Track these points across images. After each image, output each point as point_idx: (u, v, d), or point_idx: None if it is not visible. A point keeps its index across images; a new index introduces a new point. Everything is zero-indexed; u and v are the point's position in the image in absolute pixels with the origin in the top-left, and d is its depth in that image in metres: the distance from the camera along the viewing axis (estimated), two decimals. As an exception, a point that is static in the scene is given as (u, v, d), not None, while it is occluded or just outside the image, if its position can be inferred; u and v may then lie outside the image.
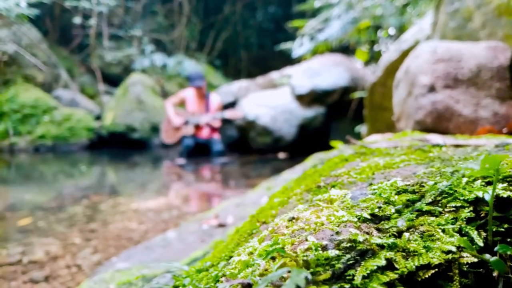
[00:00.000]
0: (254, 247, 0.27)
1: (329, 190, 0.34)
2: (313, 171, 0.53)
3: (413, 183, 0.30)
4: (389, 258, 0.23)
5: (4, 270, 1.54)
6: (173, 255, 1.10)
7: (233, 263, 0.27)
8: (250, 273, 0.24)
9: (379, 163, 0.39)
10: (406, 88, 1.46)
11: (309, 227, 0.27)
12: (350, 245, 0.24)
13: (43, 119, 5.98)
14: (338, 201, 0.30)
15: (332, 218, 0.27)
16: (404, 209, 0.27)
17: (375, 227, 0.26)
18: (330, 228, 0.26)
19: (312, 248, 0.24)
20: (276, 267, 0.23)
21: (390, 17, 5.27)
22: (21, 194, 2.87)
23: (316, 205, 0.31)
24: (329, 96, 5.12)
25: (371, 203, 0.28)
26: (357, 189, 0.32)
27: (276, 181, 1.78)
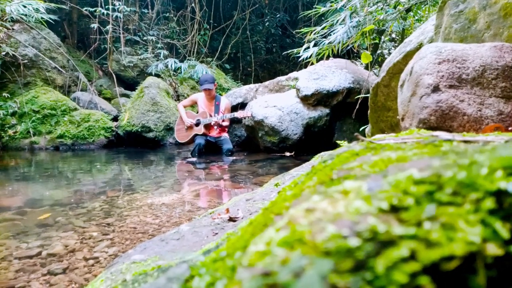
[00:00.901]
0: (271, 237, 0.26)
1: (342, 182, 0.32)
2: (323, 166, 0.52)
3: (430, 174, 0.28)
4: (411, 248, 0.22)
5: (24, 262, 1.54)
6: (186, 247, 1.09)
7: (250, 252, 0.26)
8: (269, 262, 0.22)
9: (391, 157, 0.37)
10: (411, 88, 1.44)
11: (326, 217, 0.25)
12: (371, 235, 0.23)
13: (62, 120, 6.04)
14: (354, 193, 0.28)
15: (350, 208, 0.26)
16: (422, 200, 0.26)
17: (394, 217, 0.25)
18: (348, 218, 0.24)
19: (332, 238, 0.23)
20: (296, 256, 0.22)
21: (393, 22, 5.21)
22: (41, 190, 2.89)
23: (331, 196, 0.29)
24: (333, 97, 5.10)
25: (388, 194, 0.27)
26: (372, 181, 0.30)
27: (284, 178, 1.76)
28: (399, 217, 0.24)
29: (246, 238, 0.32)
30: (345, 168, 0.37)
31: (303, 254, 0.21)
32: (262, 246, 0.25)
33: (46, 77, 6.69)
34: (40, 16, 5.39)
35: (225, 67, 9.83)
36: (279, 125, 4.91)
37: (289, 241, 0.23)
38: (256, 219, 0.42)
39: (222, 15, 10.14)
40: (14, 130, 5.80)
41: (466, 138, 0.62)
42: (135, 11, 8.83)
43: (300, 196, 0.35)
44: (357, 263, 0.21)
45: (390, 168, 0.33)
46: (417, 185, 0.27)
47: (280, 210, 0.34)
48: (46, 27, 6.71)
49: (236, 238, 0.41)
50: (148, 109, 6.33)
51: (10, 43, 6.29)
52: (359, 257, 0.21)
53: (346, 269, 0.20)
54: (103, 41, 8.43)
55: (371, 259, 0.21)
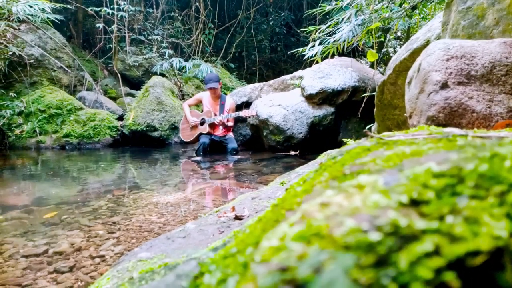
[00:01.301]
0: (285, 232, 0.25)
1: (356, 177, 0.31)
2: (333, 162, 0.51)
3: (450, 167, 0.27)
4: (435, 243, 0.21)
5: (31, 260, 1.55)
6: (193, 245, 1.08)
7: (263, 248, 0.25)
8: (285, 257, 0.21)
9: (406, 151, 0.36)
10: (418, 85, 1.42)
11: (343, 211, 0.24)
12: (392, 229, 0.22)
13: (68, 119, 6.07)
14: (369, 187, 0.27)
15: (368, 202, 0.25)
16: (443, 193, 0.25)
17: (415, 211, 0.23)
18: (367, 212, 0.23)
19: (351, 232, 0.22)
20: (314, 250, 0.21)
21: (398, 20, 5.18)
22: (47, 189, 2.90)
23: (346, 191, 0.28)
24: (338, 96, 5.07)
25: (407, 188, 0.26)
26: (388, 175, 0.29)
27: (290, 176, 1.75)
28: (420, 211, 0.23)
29: (257, 234, 0.31)
30: (358, 163, 0.36)
31: (321, 249, 0.20)
32: (276, 241, 0.24)
33: (52, 76, 6.72)
34: (46, 16, 5.42)
35: (230, 66, 9.83)
36: (284, 124, 4.90)
37: (305, 236, 0.22)
38: (266, 216, 0.41)
39: (226, 14, 10.13)
40: (20, 130, 5.84)
41: (479, 134, 0.61)
42: (140, 10, 8.86)
43: (312, 192, 0.34)
44: (379, 258, 0.20)
45: (405, 162, 0.32)
46: (437, 178, 0.26)
47: (291, 205, 0.33)
48: (52, 27, 6.74)
49: (245, 235, 0.40)
50: (153, 108, 6.34)
51: (16, 43, 6.33)
52: (381, 252, 0.20)
53: (368, 265, 0.19)
54: (109, 41, 8.46)
55: (393, 254, 0.20)
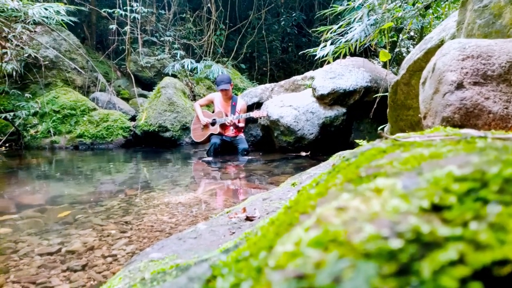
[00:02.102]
0: (300, 236, 0.24)
1: (373, 180, 0.31)
2: (346, 164, 0.50)
3: (472, 171, 0.26)
4: (459, 251, 0.20)
5: (45, 259, 1.57)
6: (204, 245, 1.08)
7: (277, 253, 0.24)
8: (301, 264, 0.21)
9: (424, 153, 0.35)
10: (433, 86, 1.39)
11: (362, 216, 0.23)
12: (414, 236, 0.21)
13: (82, 119, 6.16)
14: (387, 191, 0.26)
15: (388, 207, 0.24)
16: (466, 198, 0.23)
17: (437, 217, 0.22)
18: (387, 217, 0.22)
19: (371, 239, 0.21)
20: (333, 258, 0.20)
21: (411, 19, 5.11)
22: (61, 189, 2.94)
23: (363, 194, 0.27)
24: (350, 96, 5.03)
25: (427, 192, 0.25)
26: (407, 178, 0.28)
27: (301, 178, 1.74)
28: (442, 216, 0.22)
29: (271, 238, 0.30)
30: (374, 165, 0.35)
31: (340, 257, 0.20)
32: (291, 246, 0.23)
33: (66, 77, 6.83)
34: (61, 18, 5.51)
35: (241, 67, 9.84)
36: (295, 124, 4.88)
37: (321, 242, 0.22)
38: (279, 218, 0.41)
39: (237, 15, 10.16)
40: (35, 130, 5.95)
41: (498, 135, 0.59)
42: (152, 12, 8.94)
43: (327, 195, 0.33)
44: (401, 266, 0.19)
45: (424, 165, 0.31)
46: (459, 183, 0.25)
47: (305, 209, 0.33)
48: (66, 29, 6.85)
49: (258, 238, 0.40)
50: (165, 109, 6.39)
51: (32, 45, 6.45)
52: (402, 260, 0.19)
53: (390, 274, 0.18)
54: (121, 42, 8.56)
55: (415, 263, 0.19)
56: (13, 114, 5.72)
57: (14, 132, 5.83)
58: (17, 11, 5.28)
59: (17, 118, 5.76)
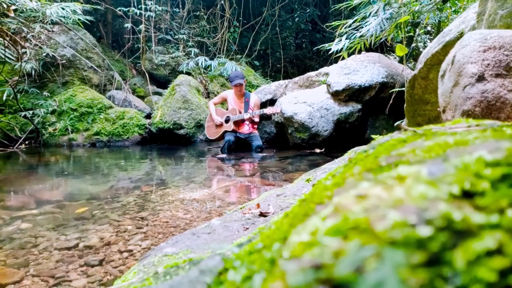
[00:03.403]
0: (317, 226, 0.23)
1: (395, 168, 0.29)
2: (364, 156, 0.47)
3: (505, 156, 0.24)
4: (497, 240, 0.18)
5: (63, 253, 1.59)
6: (218, 241, 1.07)
7: (292, 243, 0.22)
8: (319, 253, 0.19)
9: (448, 141, 0.33)
10: (453, 78, 1.35)
11: (385, 203, 0.21)
12: (444, 224, 0.19)
13: (98, 117, 6.25)
14: (411, 178, 0.24)
15: (414, 193, 0.22)
16: (500, 184, 0.21)
17: (468, 204, 0.21)
18: (413, 204, 0.21)
19: (397, 226, 0.19)
20: (354, 246, 0.18)
21: (428, 13, 5.00)
22: (79, 185, 2.99)
23: (384, 182, 0.25)
24: (365, 92, 4.95)
25: (456, 178, 0.23)
26: (432, 165, 0.26)
27: (316, 173, 1.72)
28: (475, 203, 0.20)
29: (285, 229, 0.28)
30: (394, 154, 0.33)
31: (363, 245, 0.18)
32: (307, 236, 0.21)
33: (83, 76, 6.94)
34: (77, 18, 5.60)
35: (255, 64, 9.82)
36: (309, 121, 4.83)
37: (340, 230, 0.20)
38: (293, 211, 0.39)
39: (251, 12, 10.13)
40: (53, 128, 6.07)
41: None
42: (167, 10, 9.00)
43: (344, 185, 0.32)
44: (431, 256, 0.17)
45: (449, 152, 0.29)
46: (492, 168, 0.22)
47: (321, 199, 0.31)
48: (82, 28, 6.96)
49: (271, 230, 0.38)
50: (180, 106, 6.42)
51: (50, 45, 6.57)
52: (433, 249, 0.17)
53: (419, 263, 0.17)
54: (137, 41, 8.65)
55: (447, 252, 0.17)
56: (32, 112, 5.85)
57: (33, 130, 5.96)
58: (36, 11, 5.38)
59: (36, 116, 5.89)
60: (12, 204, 2.41)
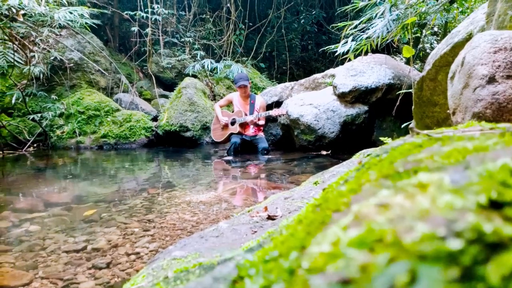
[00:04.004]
0: (338, 235, 0.22)
1: (414, 175, 0.28)
2: (377, 160, 0.47)
3: (531, 164, 0.23)
4: (530, 253, 0.17)
5: (71, 256, 1.60)
6: (226, 244, 1.07)
7: (313, 254, 0.22)
8: (343, 266, 0.18)
9: (468, 147, 0.32)
10: (463, 80, 1.33)
11: (410, 214, 0.21)
12: (474, 236, 0.18)
13: (106, 120, 6.29)
14: (434, 186, 0.24)
15: (440, 203, 0.21)
16: (528, 194, 0.21)
17: (497, 214, 0.20)
18: (440, 215, 0.20)
19: (425, 239, 0.18)
20: (383, 260, 0.18)
21: (435, 14, 4.97)
22: (86, 188, 3.01)
23: (405, 190, 0.25)
24: (372, 94, 4.92)
25: (482, 187, 0.22)
26: (454, 172, 0.25)
27: (324, 176, 1.70)
28: (504, 214, 0.19)
29: (301, 237, 0.28)
30: (411, 160, 0.33)
31: (392, 259, 0.17)
32: (328, 246, 0.21)
33: (90, 79, 7.00)
34: (85, 21, 5.64)
35: (260, 66, 9.83)
36: (315, 123, 4.82)
37: (365, 242, 0.19)
38: (307, 217, 0.38)
39: (257, 15, 10.14)
40: (61, 130, 6.12)
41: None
42: (173, 13, 9.05)
43: (361, 191, 0.31)
44: (464, 271, 0.16)
45: (470, 158, 0.28)
46: (519, 176, 0.22)
47: (337, 206, 0.30)
48: (90, 31, 7.01)
49: (285, 237, 0.37)
50: (186, 109, 6.44)
51: (58, 48, 6.64)
52: (465, 263, 0.17)
53: (453, 279, 0.16)
54: (143, 44, 8.71)
55: (479, 266, 0.17)
56: (40, 115, 5.90)
57: (42, 133, 6.01)
58: (44, 15, 5.44)
59: (44, 119, 5.94)
60: (21, 206, 2.43)
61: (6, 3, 4.87)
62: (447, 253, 0.17)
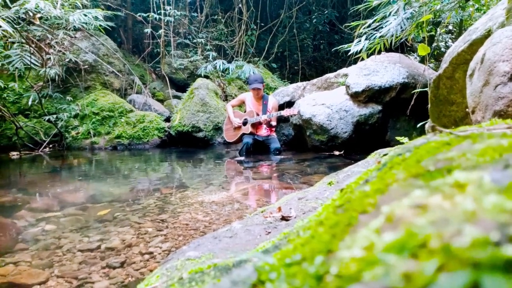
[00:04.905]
0: (371, 240, 0.20)
1: (449, 174, 0.26)
2: (401, 159, 0.45)
3: None
4: None
5: (86, 255, 1.61)
6: (240, 245, 1.05)
7: (343, 258, 0.20)
8: (383, 275, 0.17)
9: (503, 144, 0.30)
10: (483, 78, 1.29)
11: (454, 216, 0.19)
12: (533, 242, 0.16)
13: (120, 121, 6.36)
14: (473, 186, 0.22)
15: (486, 205, 0.19)
16: None
17: (553, 217, 0.18)
18: (489, 217, 0.18)
19: (477, 244, 0.16)
20: (432, 268, 0.16)
21: (450, 12, 4.87)
22: (100, 188, 3.04)
23: (441, 190, 0.23)
24: (385, 93, 4.85)
25: (532, 187, 0.20)
26: (493, 171, 0.23)
27: (338, 176, 1.68)
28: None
29: (326, 240, 0.26)
30: (442, 158, 0.31)
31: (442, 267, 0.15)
32: (359, 251, 0.19)
33: (104, 81, 7.08)
34: (99, 24, 5.71)
35: (272, 66, 9.81)
36: (328, 123, 4.77)
37: (405, 247, 0.17)
38: (328, 218, 0.37)
39: (268, 15, 10.13)
40: (76, 131, 6.21)
41: None
42: (185, 15, 9.10)
43: (388, 192, 0.29)
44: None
45: (507, 156, 0.26)
46: None
47: (363, 207, 0.28)
48: (104, 33, 7.10)
49: (305, 239, 0.36)
50: (198, 109, 6.47)
51: (72, 50, 6.74)
52: (525, 272, 0.15)
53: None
54: (156, 46, 8.78)
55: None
56: (55, 116, 6.00)
57: (57, 134, 6.11)
58: (59, 18, 5.53)
59: (60, 120, 6.04)
60: (37, 206, 2.46)
61: (24, 7, 4.96)
62: (504, 261, 0.15)
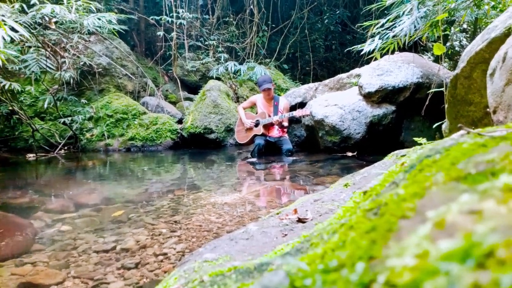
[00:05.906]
0: (423, 247, 0.19)
1: (495, 177, 0.24)
2: (432, 161, 0.43)
3: None
4: None
5: (101, 256, 1.62)
6: (256, 247, 1.04)
7: (391, 267, 0.19)
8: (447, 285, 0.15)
9: (550, 145, 0.28)
10: (504, 77, 1.25)
11: (518, 222, 0.18)
12: None
13: (133, 123, 6.42)
14: (527, 189, 0.20)
15: (554, 210, 0.18)
16: None
17: None
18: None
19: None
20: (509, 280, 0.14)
21: (465, 11, 4.78)
22: (115, 189, 3.06)
23: (491, 194, 0.21)
24: (399, 93, 4.79)
25: None
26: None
27: (355, 178, 1.65)
28: None
29: (365, 246, 0.25)
30: (482, 160, 0.29)
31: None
32: (411, 259, 0.18)
33: (118, 83, 7.17)
34: (112, 27, 5.78)
35: (283, 67, 9.79)
36: (341, 124, 4.73)
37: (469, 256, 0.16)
38: (359, 222, 0.35)
39: (280, 16, 10.12)
40: (91, 133, 6.29)
41: None
42: (197, 17, 9.15)
43: (427, 196, 0.28)
44: None
45: (559, 158, 0.24)
46: None
47: (402, 212, 0.27)
48: (117, 37, 7.19)
49: (335, 244, 0.35)
50: (210, 111, 6.49)
51: (87, 54, 6.84)
52: None
53: None
54: (168, 48, 8.85)
55: None
56: (70, 119, 6.09)
57: (72, 136, 6.20)
58: (74, 22, 5.61)
59: (74, 123, 6.12)
60: (53, 207, 2.50)
61: (40, 12, 5.05)
62: None
